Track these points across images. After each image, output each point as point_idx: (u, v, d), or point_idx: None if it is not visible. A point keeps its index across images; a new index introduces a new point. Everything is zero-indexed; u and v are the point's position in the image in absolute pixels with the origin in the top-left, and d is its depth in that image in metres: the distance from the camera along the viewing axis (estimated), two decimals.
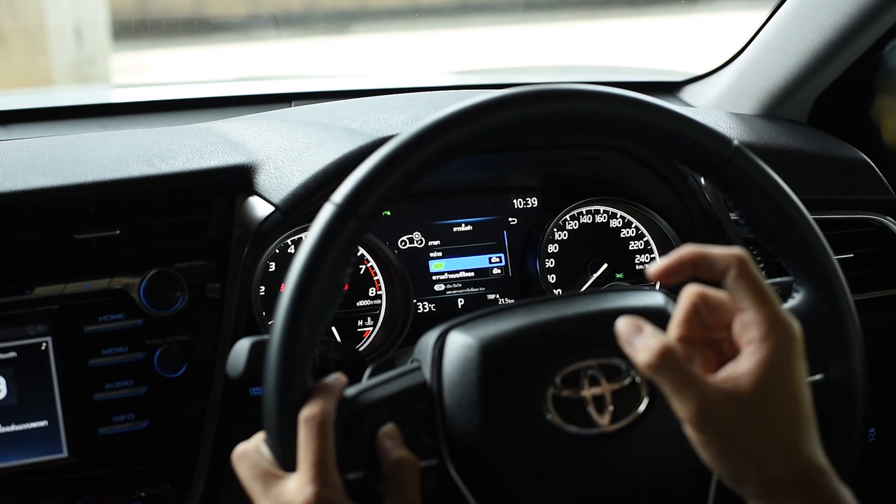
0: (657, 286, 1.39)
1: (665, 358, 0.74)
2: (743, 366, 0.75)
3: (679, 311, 0.79)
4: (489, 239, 1.38)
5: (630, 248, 1.40)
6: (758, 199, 0.91)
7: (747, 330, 0.76)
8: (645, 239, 1.40)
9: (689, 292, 0.79)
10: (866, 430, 0.94)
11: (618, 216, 1.40)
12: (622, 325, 0.78)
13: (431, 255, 1.35)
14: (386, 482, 0.80)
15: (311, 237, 0.82)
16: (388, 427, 0.83)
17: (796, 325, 0.77)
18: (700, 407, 0.74)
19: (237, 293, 1.15)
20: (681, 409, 0.75)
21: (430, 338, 0.91)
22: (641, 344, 0.76)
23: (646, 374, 0.76)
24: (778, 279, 1.02)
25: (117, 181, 1.15)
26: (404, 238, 1.34)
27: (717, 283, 0.79)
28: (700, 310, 0.79)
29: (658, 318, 0.89)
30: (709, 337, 0.80)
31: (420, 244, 1.35)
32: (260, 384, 0.82)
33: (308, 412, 0.80)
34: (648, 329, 0.77)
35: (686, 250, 0.80)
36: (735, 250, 0.78)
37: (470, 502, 0.84)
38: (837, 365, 0.92)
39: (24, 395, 1.09)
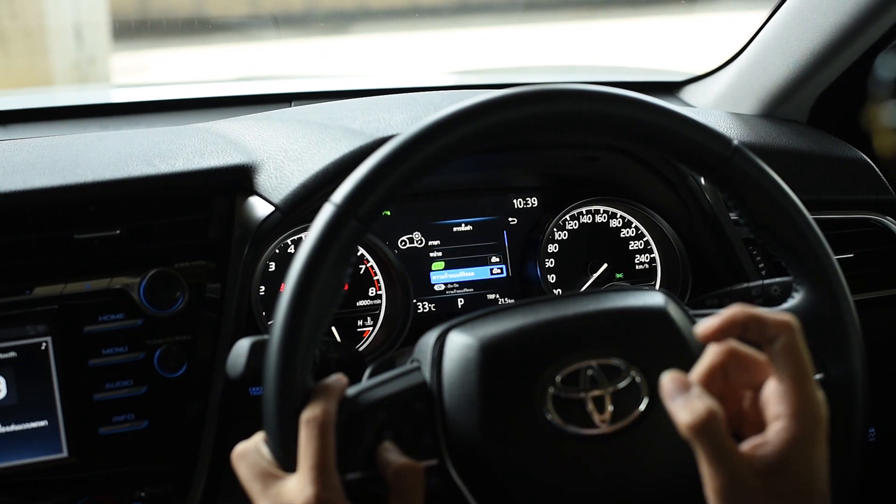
0: (657, 286, 1.39)
1: (709, 424, 0.74)
2: (772, 443, 0.76)
3: (704, 364, 0.79)
4: (489, 239, 1.38)
5: (630, 247, 1.40)
6: (758, 198, 0.91)
7: (779, 402, 0.76)
8: (645, 239, 1.40)
9: (720, 349, 0.79)
10: (866, 429, 0.93)
11: (618, 216, 1.40)
12: (667, 379, 0.77)
13: (431, 255, 1.35)
14: (388, 486, 0.80)
15: (310, 237, 0.82)
16: (386, 443, 0.83)
17: (825, 408, 0.77)
18: (729, 479, 0.74)
19: (237, 293, 1.15)
20: (710, 477, 0.75)
21: (429, 338, 0.91)
22: (686, 403, 0.75)
23: (684, 434, 0.75)
24: (778, 279, 1.02)
25: (117, 181, 1.15)
26: (404, 238, 1.34)
27: (757, 344, 0.79)
28: (728, 366, 0.79)
29: (658, 317, 0.90)
30: (728, 392, 0.80)
31: (420, 244, 1.35)
32: (260, 384, 0.82)
33: (309, 413, 0.79)
34: (696, 390, 0.76)
35: (738, 311, 0.78)
36: (787, 317, 0.78)
37: (470, 502, 0.84)
38: (837, 365, 0.92)
39: (24, 394, 1.09)
